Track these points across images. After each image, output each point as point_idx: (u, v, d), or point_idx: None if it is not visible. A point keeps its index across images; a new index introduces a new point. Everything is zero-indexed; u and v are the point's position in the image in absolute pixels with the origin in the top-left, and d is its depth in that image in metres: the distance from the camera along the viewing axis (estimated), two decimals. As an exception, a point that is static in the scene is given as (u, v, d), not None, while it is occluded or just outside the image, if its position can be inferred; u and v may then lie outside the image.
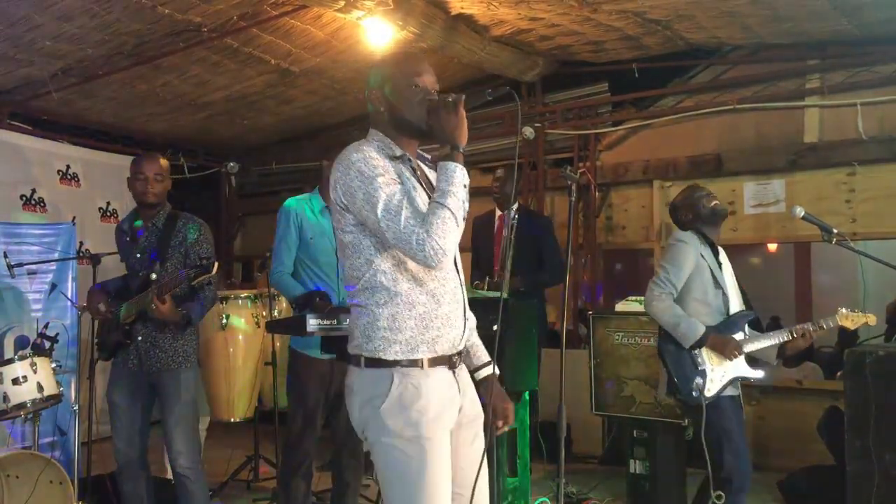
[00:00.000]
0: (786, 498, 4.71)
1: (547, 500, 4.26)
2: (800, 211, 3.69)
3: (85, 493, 4.06)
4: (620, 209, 6.71)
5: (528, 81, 6.79)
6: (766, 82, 5.98)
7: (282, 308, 5.69)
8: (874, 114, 5.53)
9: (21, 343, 4.99)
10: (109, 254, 4.35)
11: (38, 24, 4.95)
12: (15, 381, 3.82)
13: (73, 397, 4.31)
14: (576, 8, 5.08)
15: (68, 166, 6.67)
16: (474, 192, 2.42)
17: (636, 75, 6.23)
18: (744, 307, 3.71)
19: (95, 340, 3.79)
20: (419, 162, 2.31)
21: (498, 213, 5.28)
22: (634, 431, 4.41)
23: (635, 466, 4.35)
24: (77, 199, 6.68)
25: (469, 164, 2.21)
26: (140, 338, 3.55)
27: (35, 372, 3.88)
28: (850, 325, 3.64)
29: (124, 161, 7.17)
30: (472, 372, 2.41)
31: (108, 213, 6.97)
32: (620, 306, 4.71)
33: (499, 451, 3.80)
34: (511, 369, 3.87)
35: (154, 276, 3.40)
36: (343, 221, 2.19)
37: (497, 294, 4.31)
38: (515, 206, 5.18)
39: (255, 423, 5.39)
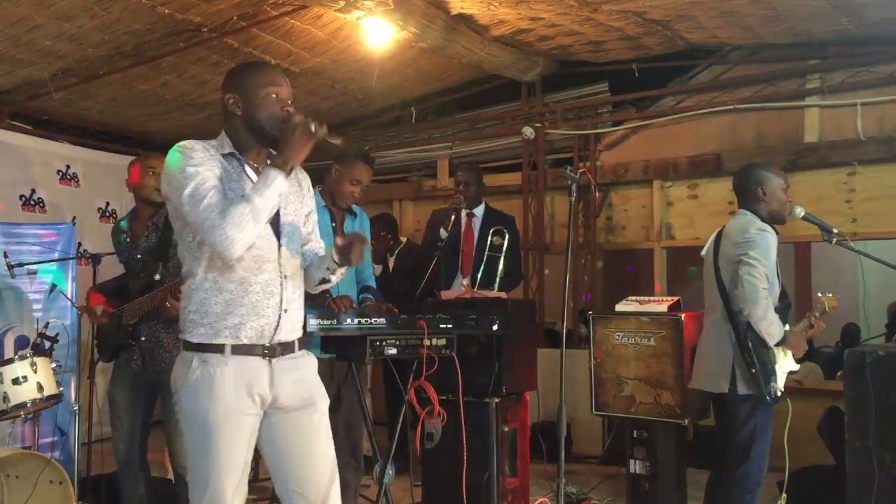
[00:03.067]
0: (786, 498, 4.71)
1: (547, 500, 4.26)
2: (800, 211, 3.69)
3: (85, 493, 4.05)
4: (620, 209, 6.71)
5: (528, 81, 6.79)
6: (766, 82, 5.98)
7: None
8: (874, 114, 5.52)
9: (21, 343, 5.00)
10: (109, 254, 4.35)
11: (38, 24, 4.95)
12: (15, 381, 3.81)
13: (73, 397, 4.31)
14: (576, 8, 5.08)
15: (68, 166, 6.67)
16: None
17: (636, 75, 6.23)
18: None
19: (95, 342, 3.78)
20: (266, 164, 2.39)
21: (465, 212, 5.20)
22: (634, 431, 4.40)
23: (635, 466, 4.35)
24: (76, 200, 6.68)
25: (467, 165, 2.27)
26: (143, 338, 3.53)
27: (35, 372, 3.88)
28: (828, 307, 3.70)
29: (124, 161, 7.15)
30: (333, 258, 2.45)
31: (108, 214, 6.97)
32: (620, 306, 4.70)
33: (499, 451, 3.81)
34: (511, 369, 3.87)
35: (158, 276, 3.39)
36: (170, 210, 2.38)
37: (497, 294, 4.34)
38: (482, 206, 5.19)
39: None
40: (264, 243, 2.34)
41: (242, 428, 2.31)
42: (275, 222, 2.37)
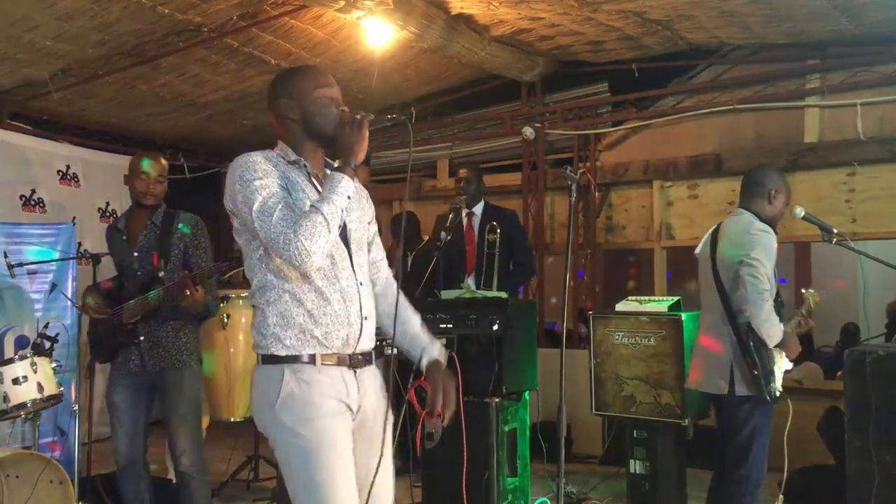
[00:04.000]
0: (786, 498, 4.71)
1: (547, 500, 4.26)
2: (800, 211, 3.68)
3: (85, 493, 4.05)
4: (620, 209, 6.71)
5: (528, 81, 6.79)
6: (766, 82, 5.98)
7: (282, 308, 5.67)
8: (874, 114, 5.53)
9: (21, 343, 5.00)
10: (109, 253, 4.35)
11: (38, 24, 4.95)
12: (15, 381, 3.81)
13: (73, 397, 4.31)
14: (576, 8, 5.08)
15: (68, 166, 6.67)
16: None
17: (636, 75, 6.24)
18: None
19: (88, 343, 3.78)
20: (326, 171, 2.38)
21: (465, 211, 5.22)
22: (634, 431, 4.40)
23: (635, 466, 4.35)
24: (76, 200, 6.68)
25: (468, 164, 2.25)
26: (143, 337, 3.52)
27: (35, 372, 3.88)
28: (812, 304, 3.69)
29: (124, 161, 7.12)
30: (419, 361, 2.45)
31: (108, 214, 6.98)
32: (620, 306, 4.71)
33: (499, 451, 3.81)
34: (511, 369, 3.87)
35: (161, 273, 3.37)
36: (235, 224, 2.30)
37: (497, 294, 4.34)
38: (481, 204, 5.18)
39: (255, 423, 5.38)
40: (336, 251, 2.29)
41: (347, 435, 2.24)
42: (342, 228, 2.31)
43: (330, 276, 2.27)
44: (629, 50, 6.03)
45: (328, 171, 2.34)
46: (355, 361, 2.30)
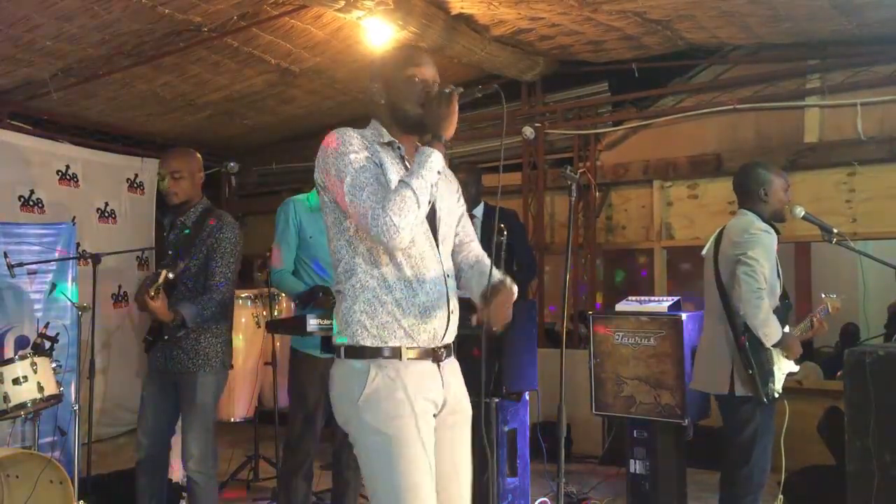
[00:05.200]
0: (786, 498, 4.71)
1: (547, 500, 4.26)
2: (800, 211, 3.68)
3: (85, 493, 4.05)
4: (620, 209, 6.71)
5: (528, 81, 6.79)
6: (766, 82, 5.98)
7: (282, 308, 5.68)
8: (874, 114, 5.53)
9: (21, 343, 5.00)
10: (109, 254, 4.36)
11: (38, 24, 4.95)
12: (15, 381, 3.82)
13: (73, 397, 4.32)
14: (576, 8, 5.08)
15: (68, 166, 6.67)
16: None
17: (636, 75, 6.24)
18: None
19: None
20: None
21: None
22: (634, 431, 4.41)
23: (635, 466, 4.35)
24: (75, 200, 6.68)
25: (467, 167, 2.23)
26: (167, 336, 3.48)
27: (35, 372, 3.89)
28: (832, 308, 3.71)
29: (123, 161, 7.23)
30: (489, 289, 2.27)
31: (107, 214, 6.97)
32: (620, 306, 4.71)
33: (499, 451, 3.81)
34: (511, 369, 3.87)
35: (171, 275, 3.35)
36: (325, 201, 2.24)
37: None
38: (481, 206, 5.17)
39: (255, 423, 5.40)
40: (425, 240, 2.22)
41: (430, 434, 2.18)
42: (431, 217, 2.25)
43: (419, 266, 2.20)
44: (629, 50, 6.03)
45: (418, 146, 2.25)
46: (439, 355, 2.24)
